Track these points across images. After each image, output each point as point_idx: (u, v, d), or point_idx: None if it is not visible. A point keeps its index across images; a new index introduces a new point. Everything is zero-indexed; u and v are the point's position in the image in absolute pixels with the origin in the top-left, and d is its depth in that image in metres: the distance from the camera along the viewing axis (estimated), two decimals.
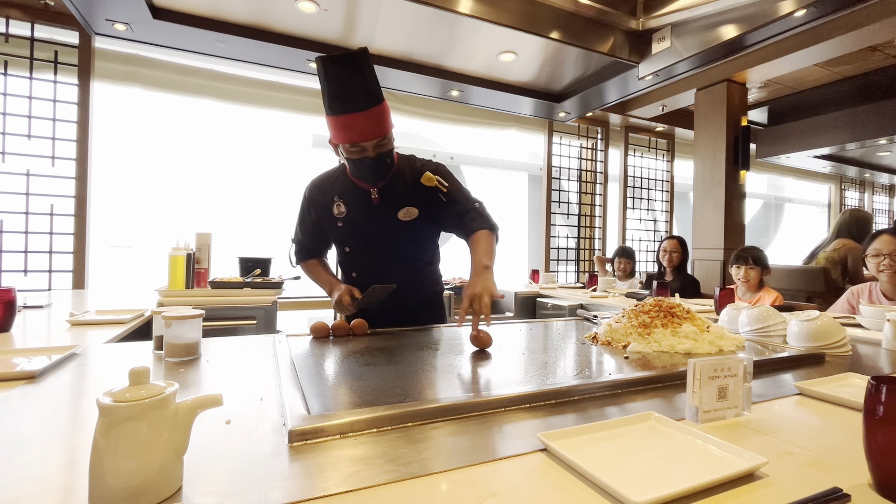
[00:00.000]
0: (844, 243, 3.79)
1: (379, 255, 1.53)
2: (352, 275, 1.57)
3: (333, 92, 1.28)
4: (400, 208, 1.48)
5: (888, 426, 0.51)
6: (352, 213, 1.49)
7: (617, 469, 0.55)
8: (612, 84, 3.63)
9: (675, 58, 2.99)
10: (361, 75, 1.27)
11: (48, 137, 2.99)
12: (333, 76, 1.26)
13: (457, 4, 2.60)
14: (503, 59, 3.40)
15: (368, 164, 1.38)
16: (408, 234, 1.52)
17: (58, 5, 2.86)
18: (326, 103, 1.32)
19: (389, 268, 1.52)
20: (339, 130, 1.32)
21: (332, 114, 1.31)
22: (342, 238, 1.54)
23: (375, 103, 1.30)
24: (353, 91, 1.27)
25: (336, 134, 1.35)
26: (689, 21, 2.89)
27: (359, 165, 1.39)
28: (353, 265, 1.57)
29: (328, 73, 1.27)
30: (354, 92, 1.27)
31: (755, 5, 2.54)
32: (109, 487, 0.46)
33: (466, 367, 1.02)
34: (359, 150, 1.35)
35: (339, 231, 1.52)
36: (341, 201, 1.49)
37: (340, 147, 1.38)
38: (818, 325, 1.25)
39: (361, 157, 1.36)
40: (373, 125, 1.31)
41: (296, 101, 3.74)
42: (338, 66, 1.26)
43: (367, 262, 1.55)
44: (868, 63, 4.13)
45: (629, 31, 3.13)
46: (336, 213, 1.50)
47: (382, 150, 1.37)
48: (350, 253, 1.56)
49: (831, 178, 7.28)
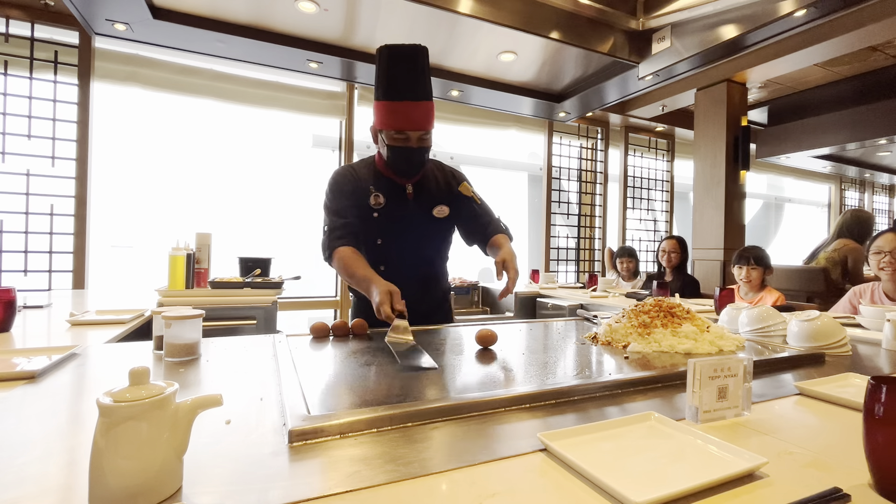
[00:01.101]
0: (845, 243, 3.79)
1: (411, 248, 1.56)
2: (380, 268, 1.51)
3: (393, 78, 1.36)
4: (434, 206, 1.56)
5: (888, 426, 0.51)
6: (389, 204, 1.51)
7: (617, 469, 0.55)
8: (612, 84, 3.63)
9: (675, 58, 3.00)
10: (422, 70, 1.37)
11: (48, 137, 2.99)
12: (396, 64, 1.35)
13: (457, 4, 2.60)
14: (503, 59, 3.40)
15: (408, 154, 1.43)
16: (438, 231, 1.60)
17: (58, 5, 2.86)
18: (382, 88, 1.38)
19: (418, 263, 1.58)
20: (390, 115, 1.38)
21: (387, 99, 1.37)
22: (377, 229, 1.53)
23: (427, 99, 1.40)
24: (411, 81, 1.36)
25: (385, 119, 1.40)
26: (689, 21, 2.89)
27: (399, 154, 1.43)
28: (384, 258, 1.54)
29: (392, 61, 1.36)
30: (413, 82, 1.36)
31: (755, 5, 2.54)
32: (109, 487, 0.46)
33: (466, 366, 1.02)
34: (403, 138, 1.40)
35: (375, 222, 1.51)
36: (379, 192, 1.50)
37: (383, 134, 1.42)
38: (818, 325, 1.25)
39: (404, 146, 1.42)
40: (421, 117, 1.39)
41: (296, 101, 3.74)
42: (402, 56, 1.36)
43: (398, 255, 1.55)
44: (868, 63, 4.14)
45: (629, 31, 3.13)
46: (373, 204, 1.50)
47: (423, 144, 1.44)
48: (382, 245, 1.54)
49: (831, 178, 7.28)
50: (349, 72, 3.54)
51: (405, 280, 1.42)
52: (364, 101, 3.93)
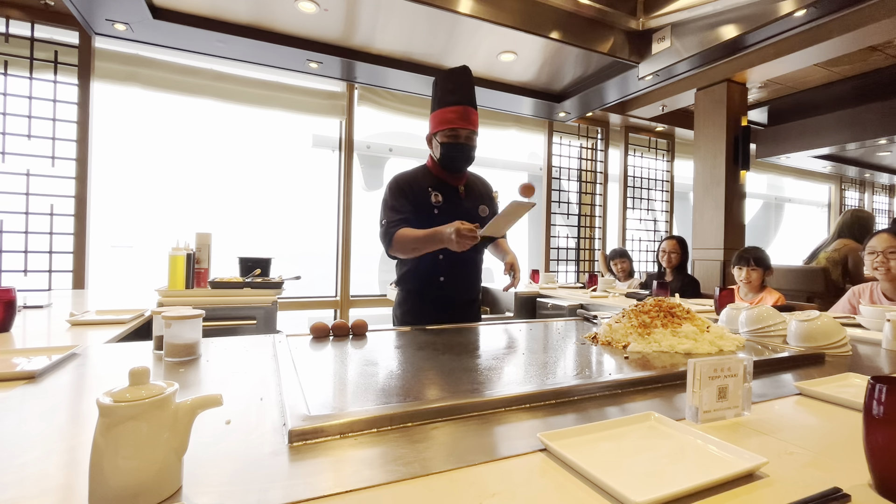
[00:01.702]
0: (845, 243, 3.79)
1: None
2: (438, 257, 1.74)
3: (452, 87, 1.70)
4: (479, 205, 1.84)
5: (888, 426, 0.51)
6: (446, 202, 1.76)
7: (617, 469, 0.55)
8: (612, 84, 3.63)
9: (675, 58, 2.99)
10: (472, 83, 1.74)
11: (48, 137, 2.99)
12: (454, 79, 1.71)
13: (457, 4, 2.60)
14: (503, 59, 3.40)
15: (459, 148, 1.70)
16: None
17: (58, 5, 2.86)
18: (440, 96, 1.71)
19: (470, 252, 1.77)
20: (447, 116, 1.68)
21: (446, 105, 1.69)
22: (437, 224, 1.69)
23: (474, 107, 1.73)
24: (465, 91, 1.71)
25: (442, 121, 1.69)
26: (689, 21, 2.89)
27: (452, 148, 1.70)
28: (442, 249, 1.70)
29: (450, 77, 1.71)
30: (466, 92, 1.71)
31: (755, 5, 2.54)
32: (109, 487, 0.46)
33: (467, 366, 1.02)
34: (455, 135, 1.68)
35: (436, 218, 1.73)
36: (437, 192, 1.75)
37: (438, 135, 1.70)
38: (818, 325, 1.25)
39: (455, 142, 1.69)
40: (471, 119, 1.70)
41: (296, 101, 3.74)
42: (458, 72, 1.72)
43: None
44: (868, 63, 4.13)
45: (629, 31, 3.13)
46: (433, 202, 1.74)
47: (469, 142, 1.72)
48: None
49: (831, 178, 7.28)
50: (349, 72, 3.54)
51: (459, 270, 1.78)
52: (364, 101, 3.93)
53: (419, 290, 1.79)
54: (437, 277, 1.76)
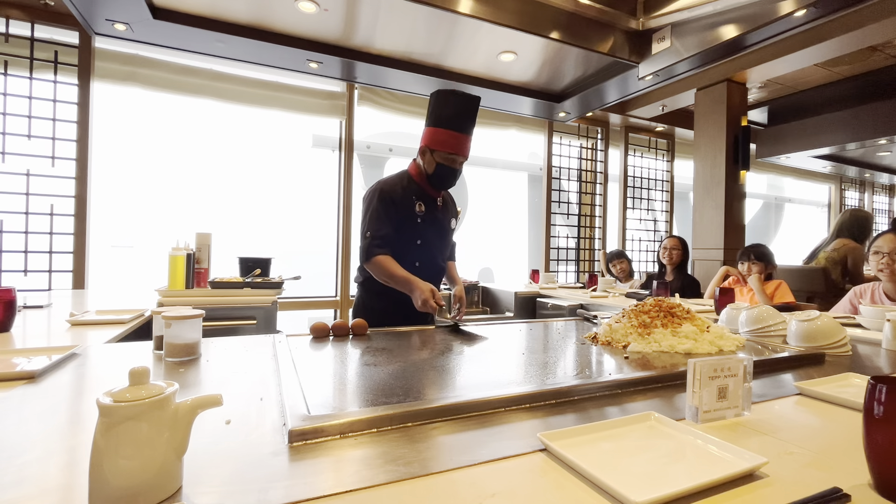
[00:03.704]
0: (845, 243, 3.79)
1: (438, 248, 1.92)
2: (415, 264, 1.83)
3: (464, 114, 1.77)
4: (450, 217, 1.97)
5: (888, 426, 0.51)
6: (428, 212, 1.86)
7: (617, 469, 0.55)
8: (612, 84, 3.63)
9: (675, 58, 2.99)
10: (475, 114, 1.81)
11: (48, 137, 2.99)
12: (468, 106, 1.78)
13: (457, 4, 2.60)
14: (503, 59, 3.40)
15: (453, 173, 1.82)
16: (450, 236, 2.01)
17: (58, 5, 2.86)
18: (449, 116, 1.76)
19: (441, 261, 1.94)
20: (451, 140, 1.76)
21: (453, 128, 1.76)
22: (419, 232, 1.85)
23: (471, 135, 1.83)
24: (472, 122, 1.81)
25: (446, 143, 1.76)
26: (689, 21, 2.89)
27: (445, 170, 1.80)
28: (420, 256, 1.85)
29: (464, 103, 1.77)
30: (472, 123, 1.81)
31: (755, 5, 2.54)
32: (109, 487, 0.46)
33: (466, 367, 1.02)
34: (453, 160, 1.79)
35: (418, 226, 1.83)
36: (420, 202, 1.84)
37: (437, 153, 1.78)
38: (818, 325, 1.25)
39: (452, 166, 1.80)
40: (468, 148, 1.82)
41: (296, 101, 3.74)
42: (468, 100, 1.78)
43: (430, 253, 1.88)
44: (868, 63, 4.13)
45: (629, 31, 3.13)
46: (417, 211, 1.83)
47: (460, 167, 1.84)
48: (421, 245, 1.86)
49: (831, 178, 7.28)
50: (349, 72, 3.54)
51: (434, 274, 1.86)
52: (364, 102, 3.93)
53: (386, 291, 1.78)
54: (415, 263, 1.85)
